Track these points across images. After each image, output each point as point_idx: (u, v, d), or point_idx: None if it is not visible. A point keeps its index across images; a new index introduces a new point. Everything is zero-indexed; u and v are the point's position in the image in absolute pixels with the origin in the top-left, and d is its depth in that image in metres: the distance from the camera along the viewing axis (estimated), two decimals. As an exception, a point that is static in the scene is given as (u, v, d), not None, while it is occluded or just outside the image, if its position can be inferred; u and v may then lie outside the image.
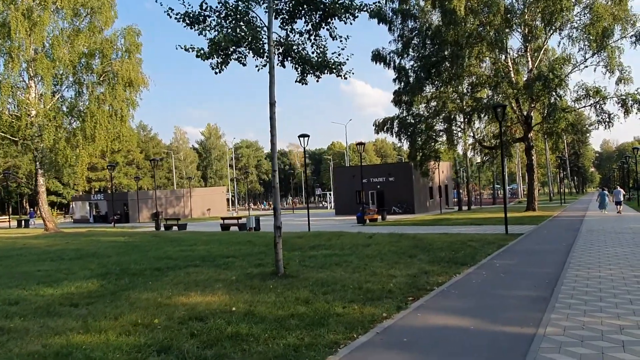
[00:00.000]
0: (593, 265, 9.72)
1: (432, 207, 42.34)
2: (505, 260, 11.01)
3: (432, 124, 34.30)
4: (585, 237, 15.35)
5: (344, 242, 15.26)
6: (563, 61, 30.16)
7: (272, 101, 8.90)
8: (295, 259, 11.45)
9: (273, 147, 8.88)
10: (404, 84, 35.14)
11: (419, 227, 22.76)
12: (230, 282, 8.60)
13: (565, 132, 31.94)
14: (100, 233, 26.72)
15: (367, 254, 11.96)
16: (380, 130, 35.05)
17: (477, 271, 9.57)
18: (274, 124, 8.87)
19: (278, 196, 8.96)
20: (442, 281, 8.54)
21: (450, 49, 30.03)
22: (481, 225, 22.43)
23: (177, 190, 54.86)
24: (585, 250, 12.05)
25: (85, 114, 26.37)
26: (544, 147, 66.93)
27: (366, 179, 41.88)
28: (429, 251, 12.44)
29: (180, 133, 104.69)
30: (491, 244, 14.06)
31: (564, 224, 21.63)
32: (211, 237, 19.68)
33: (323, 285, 8.01)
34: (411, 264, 10.45)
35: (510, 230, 18.40)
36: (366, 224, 27.90)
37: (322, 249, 13.49)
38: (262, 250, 13.92)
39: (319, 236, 17.87)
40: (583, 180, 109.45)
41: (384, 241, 14.92)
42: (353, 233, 19.10)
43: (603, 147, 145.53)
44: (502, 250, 12.78)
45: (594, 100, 30.42)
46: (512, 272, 9.37)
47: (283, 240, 16.63)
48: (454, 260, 10.80)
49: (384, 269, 9.67)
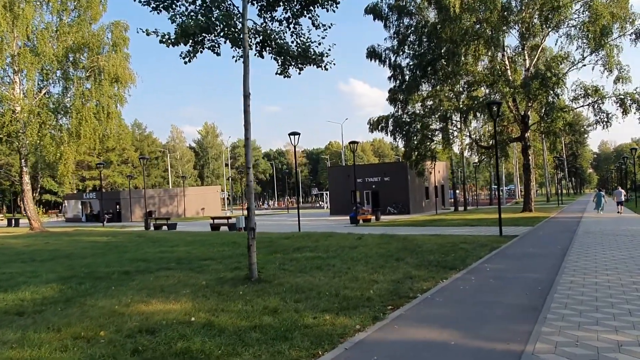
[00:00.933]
0: (589, 271, 9.14)
1: (427, 207, 41.77)
2: (497, 264, 10.42)
3: (427, 123, 33.72)
4: (582, 239, 14.78)
5: (331, 243, 14.66)
6: (561, 59, 29.62)
7: (246, 93, 8.30)
8: (275, 262, 10.86)
9: (247, 142, 8.27)
10: (399, 82, 34.58)
11: (412, 228, 22.18)
12: (198, 287, 7.99)
13: (562, 132, 31.35)
14: (86, 233, 26.08)
15: (352, 257, 11.36)
16: (375, 129, 34.45)
17: (466, 276, 8.98)
18: (248, 118, 8.26)
19: (252, 195, 8.35)
20: (427, 287, 7.94)
21: (446, 47, 29.44)
22: (476, 226, 21.86)
23: (171, 190, 54.20)
24: (582, 254, 11.48)
25: (70, 110, 25.67)
26: (541, 147, 66.54)
27: (361, 179, 41.31)
28: (418, 254, 11.84)
29: (176, 132, 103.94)
30: (484, 246, 13.49)
31: (560, 225, 21.07)
32: (196, 238, 19.07)
33: (297, 292, 7.41)
34: (397, 268, 9.86)
35: (505, 232, 17.85)
36: (359, 224, 27.30)
37: (306, 251, 12.89)
38: (243, 252, 13.26)
39: (307, 237, 17.27)
40: (581, 181, 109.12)
41: (372, 243, 14.33)
42: (343, 234, 18.51)
43: (601, 148, 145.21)
44: (495, 253, 12.20)
45: (592, 99, 29.87)
46: (503, 277, 8.78)
47: (269, 241, 16.21)
48: (442, 264, 10.21)
49: (367, 274, 9.08)
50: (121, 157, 72.78)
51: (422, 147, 33.72)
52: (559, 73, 27.94)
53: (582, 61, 30.31)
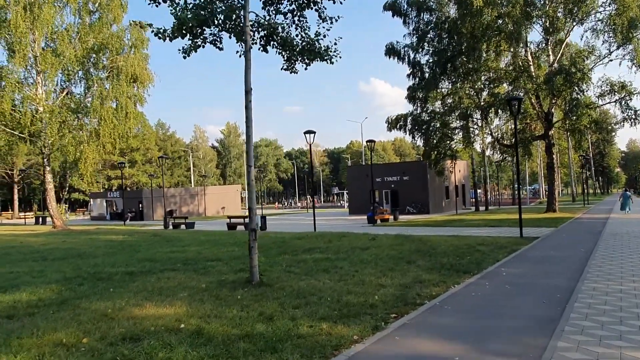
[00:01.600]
0: (614, 277, 8.54)
1: (448, 207, 40.92)
2: (515, 268, 9.88)
3: (447, 121, 32.93)
4: (607, 241, 14.03)
5: (343, 244, 14.28)
6: (586, 54, 28.48)
7: (247, 88, 7.98)
8: (282, 264, 10.54)
9: (248, 139, 7.97)
10: (418, 79, 33.89)
11: (430, 228, 21.62)
12: (197, 290, 7.72)
13: (588, 130, 30.16)
14: (105, 231, 26.31)
15: (362, 259, 10.96)
16: (393, 128, 33.84)
17: (479, 281, 8.49)
18: (249, 115, 7.95)
19: (254, 195, 8.04)
20: (436, 293, 7.50)
21: (467, 42, 28.63)
22: (496, 227, 21.16)
23: (192, 189, 54.56)
24: (607, 258, 10.81)
25: (89, 110, 25.92)
26: (567, 146, 64.59)
27: (380, 178, 40.78)
28: (431, 256, 11.36)
29: (199, 131, 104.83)
30: (502, 248, 12.90)
31: (585, 226, 20.19)
32: (210, 237, 18.93)
33: (298, 297, 7.07)
34: (407, 271, 9.43)
35: (526, 233, 17.18)
36: (376, 224, 26.84)
37: (316, 252, 12.53)
38: (253, 252, 13.03)
39: (320, 237, 16.91)
40: (608, 180, 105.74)
41: (385, 244, 13.89)
42: (358, 234, 18.09)
43: (629, 147, 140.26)
44: (513, 256, 11.62)
45: (619, 95, 28.63)
46: (519, 283, 8.26)
47: (282, 241, 15.92)
48: (456, 268, 9.73)
49: (375, 277, 8.67)
50: (145, 157, 73.72)
51: (442, 145, 32.96)
52: (584, 68, 26.83)
53: (608, 56, 29.11)
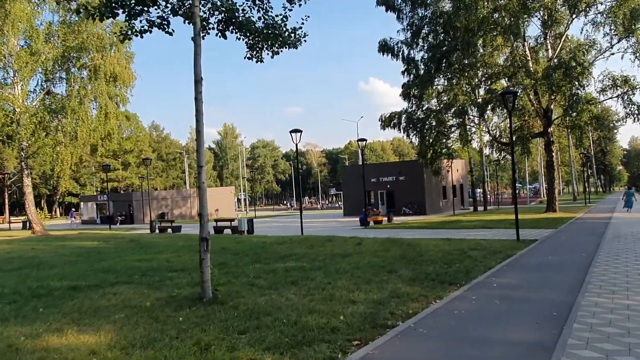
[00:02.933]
0: (619, 288, 7.51)
1: (445, 207, 39.84)
2: (507, 277, 8.85)
3: (443, 119, 31.89)
4: (611, 245, 12.99)
5: (325, 250, 13.26)
6: (586, 47, 27.45)
7: (197, 78, 6.99)
8: (249, 274, 9.53)
9: (199, 135, 6.98)
10: (413, 76, 32.86)
11: (422, 231, 20.59)
12: (138, 310, 6.71)
13: (589, 126, 29.12)
14: (84, 237, 25.31)
15: (339, 268, 9.94)
16: (387, 126, 32.79)
17: (466, 294, 7.47)
18: (199, 107, 6.95)
19: (205, 199, 7.03)
20: (413, 311, 6.48)
21: (462, 36, 27.60)
22: (493, 228, 20.12)
23: (184, 191, 53.49)
24: (610, 265, 9.78)
25: (66, 110, 24.89)
26: (567, 143, 63.49)
27: (375, 178, 39.74)
28: (416, 264, 10.34)
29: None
30: (496, 253, 11.88)
31: (586, 227, 19.14)
32: (189, 243, 17.90)
33: (249, 318, 6.05)
34: (386, 282, 8.41)
35: (523, 236, 16.15)
36: (369, 226, 25.82)
37: (292, 260, 11.52)
38: (225, 260, 12.02)
39: (304, 242, 15.91)
40: (610, 178, 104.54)
41: (370, 250, 12.87)
42: (345, 238, 17.09)
43: (631, 144, 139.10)
44: (507, 262, 10.59)
45: (622, 90, 27.59)
46: (511, 297, 7.23)
47: (261, 247, 14.87)
48: (441, 278, 8.70)
49: (347, 291, 7.65)
50: (139, 159, 72.76)
51: (438, 144, 31.94)
52: (585, 62, 25.76)
53: (609, 49, 28.06)
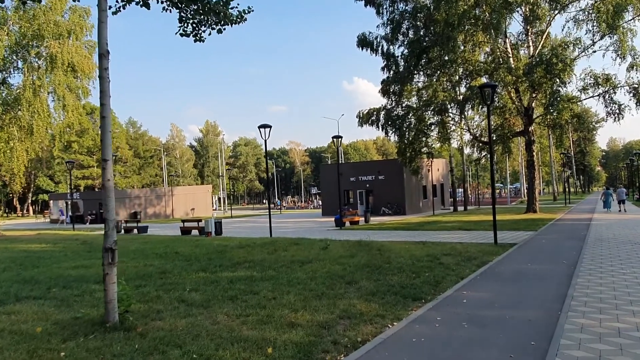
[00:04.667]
0: (607, 306, 6.46)
1: (425, 207, 38.96)
2: (481, 291, 7.76)
3: (423, 117, 30.90)
4: (594, 250, 12.05)
5: (286, 256, 12.06)
6: (568, 44, 26.75)
7: (102, 51, 5.71)
8: (186, 286, 8.27)
9: (103, 121, 5.68)
10: (393, 72, 31.79)
11: (399, 232, 19.55)
12: (21, 338, 5.42)
13: (569, 125, 28.46)
14: (39, 238, 23.65)
15: (292, 278, 8.73)
16: (365, 123, 31.66)
17: (430, 314, 6.33)
18: (105, 87, 5.68)
19: (112, 201, 5.74)
20: (363, 338, 5.32)
21: (441, 31, 26.62)
22: (471, 230, 19.16)
23: (158, 189, 51.61)
24: (594, 274, 8.78)
25: (20, 102, 23.12)
26: (548, 144, 63.38)
27: (354, 178, 38.73)
28: (381, 273, 9.20)
29: (176, 130, 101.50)
30: (471, 260, 10.82)
31: (567, 229, 18.29)
32: (145, 246, 16.52)
33: (154, 352, 4.82)
34: (341, 297, 7.23)
35: (502, 239, 15.22)
36: (344, 227, 24.69)
37: (243, 267, 10.28)
38: (169, 268, 10.73)
39: (267, 246, 14.68)
40: (589, 179, 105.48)
41: (334, 255, 11.70)
42: (314, 241, 15.91)
43: (610, 146, 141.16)
44: (482, 271, 9.53)
45: (603, 89, 26.98)
46: (482, 318, 6.12)
47: (219, 252, 13.49)
48: (405, 291, 7.56)
49: (291, 310, 6.46)
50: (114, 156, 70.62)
51: (417, 142, 30.96)
52: (566, 59, 25.02)
53: (591, 47, 27.41)
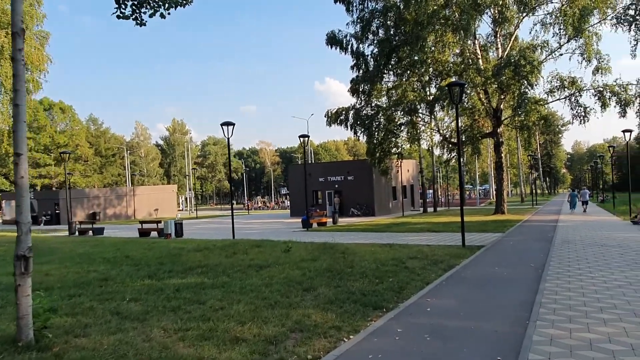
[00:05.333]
0: (576, 313, 6.06)
1: (395, 208, 38.78)
2: (446, 297, 7.28)
3: (392, 117, 30.63)
4: (561, 252, 11.84)
5: (245, 259, 11.36)
6: (536, 47, 27.00)
7: (15, 29, 4.91)
8: (126, 295, 7.49)
9: (17, 110, 4.89)
10: (362, 71, 31.38)
11: (367, 234, 19.10)
12: None
13: (537, 127, 28.74)
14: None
15: (246, 285, 8.07)
16: (334, 122, 31.15)
17: (390, 325, 5.79)
18: (19, 70, 4.89)
19: (27, 201, 4.96)
20: (314, 355, 4.74)
21: (411, 30, 26.39)
22: (440, 232, 18.86)
23: (119, 189, 49.76)
24: (562, 278, 8.45)
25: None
26: (516, 146, 64.56)
27: (323, 178, 38.22)
28: (342, 278, 8.63)
29: (141, 128, 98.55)
30: (437, 264, 10.39)
31: (534, 231, 18.22)
32: (95, 249, 15.50)
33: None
34: (296, 306, 6.62)
35: (470, 241, 14.94)
36: (312, 228, 24.09)
37: (195, 273, 9.54)
38: (116, 274, 9.88)
39: (227, 248, 13.93)
40: (555, 181, 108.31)
41: (295, 259, 11.08)
42: (277, 243, 15.23)
43: (574, 148, 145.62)
44: (449, 275, 9.09)
45: (569, 91, 27.34)
46: (445, 330, 5.61)
47: (174, 255, 12.67)
48: (367, 299, 7.00)
49: (238, 322, 5.80)
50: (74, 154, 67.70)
51: (386, 142, 30.67)
52: (534, 61, 25.18)
53: (558, 50, 27.77)
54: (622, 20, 25.44)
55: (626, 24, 25.22)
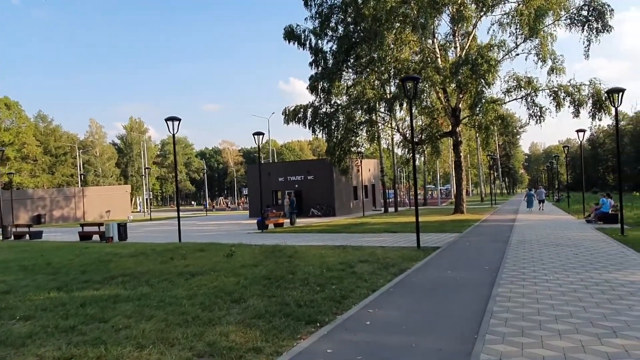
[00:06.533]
0: (529, 324, 5.41)
1: (356, 208, 38.26)
2: (390, 308, 6.52)
3: (352, 115, 30.03)
4: (516, 253, 11.38)
5: (177, 266, 10.32)
6: (493, 47, 26.99)
7: None
8: (14, 314, 6.35)
9: None
10: (321, 68, 30.64)
11: (322, 235, 18.33)
12: None
13: (494, 126, 28.77)
14: None
15: (167, 297, 7.07)
16: (291, 120, 30.24)
17: (320, 344, 4.95)
18: None
19: None
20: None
21: (369, 26, 25.84)
22: (397, 232, 18.30)
23: (67, 190, 47.00)
24: (517, 282, 7.88)
25: None
26: (476, 146, 65.55)
27: (283, 178, 37.31)
28: (281, 286, 7.76)
29: (96, 126, 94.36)
30: (388, 268, 9.68)
31: (491, 231, 17.91)
32: (16, 255, 14.01)
33: None
34: (216, 322, 5.69)
35: (427, 241, 14.44)
36: (267, 230, 23.11)
37: (115, 283, 8.44)
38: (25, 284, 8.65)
39: (166, 253, 12.81)
40: (513, 181, 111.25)
41: (235, 265, 10.13)
42: (223, 246, 14.23)
43: (531, 150, 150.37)
44: (399, 280, 8.37)
45: (526, 91, 27.49)
46: (382, 346, 4.83)
47: (104, 262, 11.11)
48: (301, 311, 6.15)
49: (138, 345, 4.83)
50: (21, 153, 63.83)
51: (346, 141, 30.03)
52: (491, 60, 25.11)
53: (515, 49, 27.84)
54: (576, 21, 25.74)
55: (579, 24, 25.53)
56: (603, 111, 25.67)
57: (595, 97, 25.69)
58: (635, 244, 12.27)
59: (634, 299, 6.52)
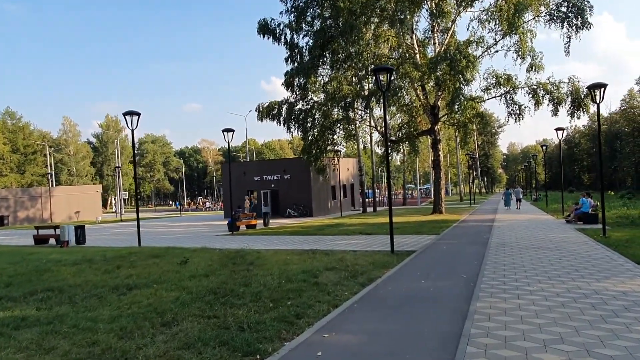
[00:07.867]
0: (514, 352, 4.44)
1: (334, 208, 37.28)
2: (350, 331, 5.49)
3: (328, 113, 29.01)
4: (496, 257, 10.52)
5: (118, 277, 9.14)
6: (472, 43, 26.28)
7: None
8: None
9: None
10: (297, 63, 29.56)
11: (293, 238, 17.28)
12: None
13: (473, 124, 28.11)
14: None
15: (83, 319, 5.91)
16: (265, 117, 29.02)
17: (253, 388, 3.89)
18: None
19: None
20: None
21: (345, 20, 24.85)
22: (372, 235, 17.34)
23: (32, 189, 44.80)
24: (497, 295, 6.95)
25: None
26: (455, 145, 65.24)
27: (259, 177, 36.10)
28: (227, 303, 6.67)
29: (69, 124, 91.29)
30: (356, 276, 8.70)
31: (470, 232, 17.09)
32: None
33: None
34: (132, 357, 4.59)
35: (401, 245, 13.55)
36: (239, 232, 21.96)
37: (32, 300, 7.19)
38: None
39: (115, 260, 11.59)
40: (492, 180, 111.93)
41: (185, 275, 9.00)
42: (182, 251, 13.08)
43: (509, 149, 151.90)
44: (364, 293, 7.38)
45: (505, 89, 26.89)
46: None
47: (44, 269, 9.87)
48: (238, 340, 5.06)
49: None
50: (-14, 152, 61.11)
51: (322, 140, 29.01)
52: (470, 56, 24.38)
53: (494, 46, 27.22)
54: (555, 17, 25.22)
55: (559, 20, 25.00)
56: (582, 109, 25.22)
57: (574, 95, 25.23)
58: (619, 246, 11.58)
59: (630, 315, 5.65)
